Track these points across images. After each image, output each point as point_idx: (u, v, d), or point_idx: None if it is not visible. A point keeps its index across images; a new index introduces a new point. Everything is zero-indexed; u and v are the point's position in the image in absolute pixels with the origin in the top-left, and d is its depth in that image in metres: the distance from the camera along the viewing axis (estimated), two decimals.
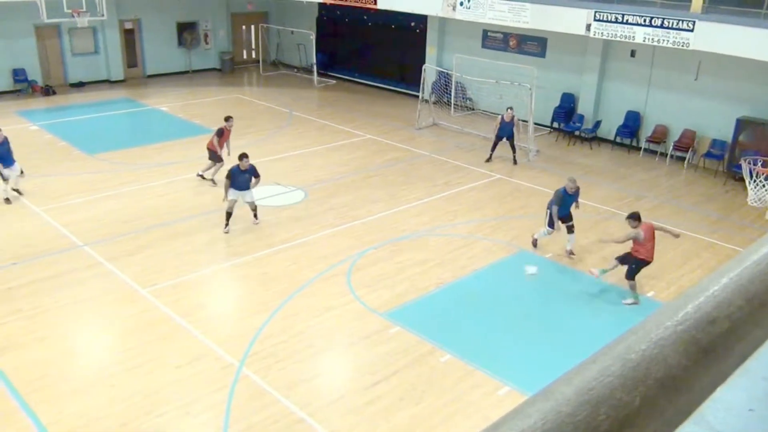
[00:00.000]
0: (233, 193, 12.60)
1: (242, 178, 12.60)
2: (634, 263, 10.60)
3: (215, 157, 15.11)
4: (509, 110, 16.94)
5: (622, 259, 10.78)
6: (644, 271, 11.27)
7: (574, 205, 12.14)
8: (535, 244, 12.44)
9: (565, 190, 11.91)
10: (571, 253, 12.31)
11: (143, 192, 14.70)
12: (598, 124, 19.52)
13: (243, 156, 12.63)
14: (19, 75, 23.21)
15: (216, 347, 9.14)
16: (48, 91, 23.32)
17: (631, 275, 10.64)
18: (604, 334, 9.79)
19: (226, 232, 12.67)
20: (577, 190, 12.02)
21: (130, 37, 25.86)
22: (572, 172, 16.74)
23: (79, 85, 24.57)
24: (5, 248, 11.88)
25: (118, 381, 8.42)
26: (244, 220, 13.35)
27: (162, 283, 10.82)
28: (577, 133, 19.63)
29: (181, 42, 26.94)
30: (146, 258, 11.67)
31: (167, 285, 10.77)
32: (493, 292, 11.09)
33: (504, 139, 16.89)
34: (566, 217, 12.15)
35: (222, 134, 15.07)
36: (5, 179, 13.91)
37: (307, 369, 8.87)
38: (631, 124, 19.01)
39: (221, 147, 15.10)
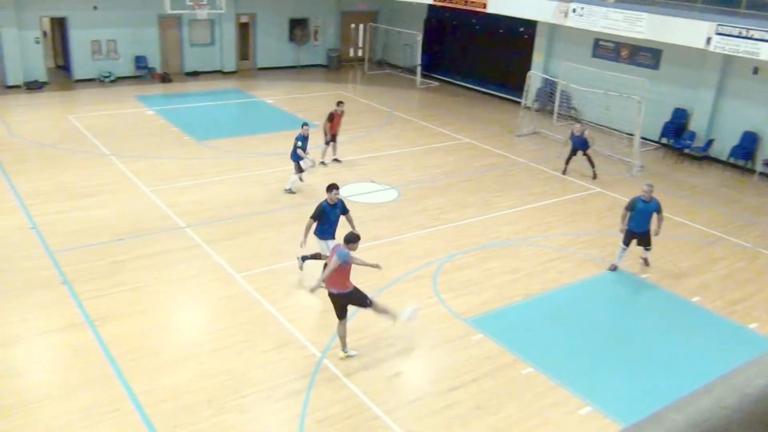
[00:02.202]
0: (321, 245, 10.44)
1: (333, 215, 10.41)
2: None
3: (327, 141, 16.21)
4: (578, 125, 16.50)
5: None
6: (749, 301, 10.62)
7: (656, 219, 11.34)
8: (614, 269, 11.83)
9: (641, 198, 11.33)
10: (645, 261, 11.94)
11: (245, 180, 15.24)
12: (710, 142, 18.53)
13: (333, 187, 10.41)
14: (140, 62, 24.63)
15: (301, 336, 9.35)
16: (165, 78, 24.61)
17: None
18: (698, 362, 9.28)
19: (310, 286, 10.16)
20: (655, 200, 11.31)
21: (244, 31, 26.89)
22: (678, 190, 16.00)
23: (194, 74, 25.79)
24: (115, 224, 12.63)
25: (208, 359, 8.77)
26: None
27: (256, 269, 11.18)
28: (686, 150, 18.71)
29: (291, 37, 27.73)
30: (243, 244, 12.09)
31: (260, 271, 11.12)
32: (582, 308, 10.74)
33: (579, 153, 16.32)
34: (643, 236, 11.49)
35: (332, 119, 16.01)
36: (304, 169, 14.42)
37: (386, 367, 8.91)
38: (748, 145, 17.92)
39: (333, 131, 16.11)
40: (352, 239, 8.64)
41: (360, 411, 7.96)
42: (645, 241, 11.60)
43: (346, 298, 8.70)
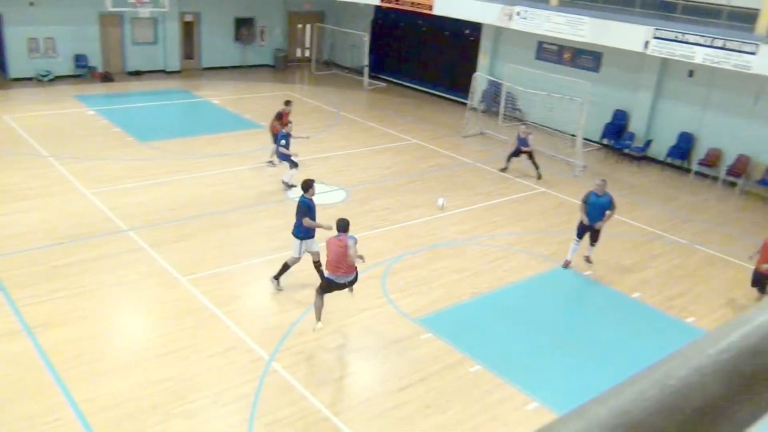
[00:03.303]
0: (302, 246, 10.34)
1: (315, 210, 10.42)
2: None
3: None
4: (524, 126, 16.90)
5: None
6: (686, 296, 11.02)
7: (607, 213, 11.67)
8: (567, 265, 12.16)
9: (594, 192, 11.72)
10: (587, 259, 12.16)
11: (190, 182, 14.98)
12: (648, 143, 19.14)
13: (312, 181, 10.42)
14: (80, 60, 23.90)
15: (248, 339, 9.24)
16: (106, 77, 23.97)
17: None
18: (639, 356, 9.57)
19: (279, 289, 10.58)
20: (608, 195, 11.68)
21: (188, 30, 26.41)
22: (619, 190, 16.44)
23: (137, 74, 25.19)
24: (54, 228, 12.24)
25: (153, 365, 8.58)
26: (291, 215, 13.49)
27: (202, 272, 11.00)
28: (626, 150, 19.28)
29: (237, 37, 27.39)
30: (188, 246, 11.88)
31: (207, 274, 10.94)
32: (528, 305, 10.95)
33: (523, 155, 16.71)
34: (594, 230, 11.81)
35: (281, 118, 15.89)
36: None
37: (336, 368, 8.90)
38: (684, 145, 18.58)
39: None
40: (348, 225, 9.20)
41: (309, 413, 7.92)
42: (594, 236, 11.90)
43: (349, 284, 9.26)
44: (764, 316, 0.79)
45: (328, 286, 9.22)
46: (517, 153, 16.74)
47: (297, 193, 14.65)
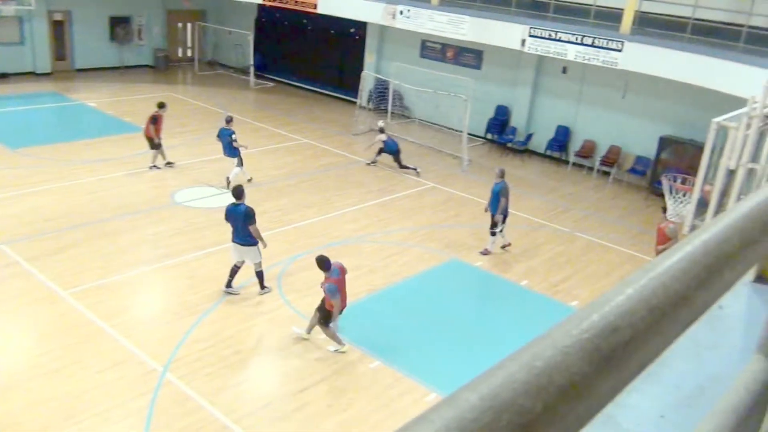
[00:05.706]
0: (259, 251, 10.41)
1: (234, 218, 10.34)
2: None
3: (156, 145, 15.53)
4: (382, 134, 17.18)
5: None
6: (570, 281, 11.62)
7: (502, 202, 12.31)
8: (504, 246, 12.92)
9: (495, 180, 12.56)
10: (484, 252, 12.73)
11: (68, 190, 14.16)
12: (529, 136, 20.03)
13: (243, 190, 10.53)
14: None
15: (139, 352, 8.88)
16: None
17: None
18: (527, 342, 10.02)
19: (269, 289, 10.69)
20: (501, 183, 12.38)
21: (59, 29, 24.89)
22: None
23: (3, 77, 23.45)
24: None
25: (36, 386, 8.07)
26: (179, 220, 13.07)
27: (85, 284, 10.44)
28: (509, 144, 20.08)
29: (113, 36, 26.13)
30: (69, 258, 11.23)
31: (90, 287, 10.40)
32: (423, 299, 11.18)
33: (390, 157, 17.05)
34: (492, 218, 12.51)
35: (156, 121, 15.50)
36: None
37: (234, 375, 8.72)
38: (561, 138, 19.59)
39: (158, 134, 15.48)
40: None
41: (208, 422, 7.73)
42: (492, 224, 12.54)
43: None
44: (622, 295, 0.85)
45: (330, 316, 9.20)
46: (387, 152, 17.00)
47: (184, 197, 14.26)
